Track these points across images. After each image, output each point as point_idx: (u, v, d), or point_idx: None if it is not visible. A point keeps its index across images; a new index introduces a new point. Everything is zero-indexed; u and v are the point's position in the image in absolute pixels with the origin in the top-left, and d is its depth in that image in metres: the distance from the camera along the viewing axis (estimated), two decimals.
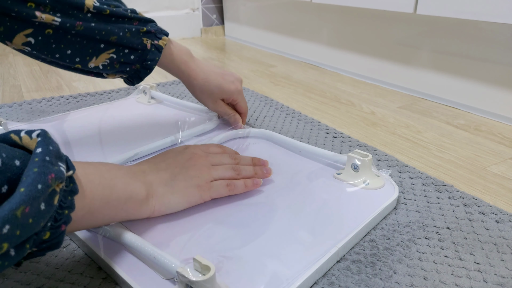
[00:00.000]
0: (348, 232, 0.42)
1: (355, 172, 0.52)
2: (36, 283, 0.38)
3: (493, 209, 0.49)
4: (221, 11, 1.75)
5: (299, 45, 1.31)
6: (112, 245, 0.41)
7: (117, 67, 0.58)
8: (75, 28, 0.51)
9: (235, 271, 0.37)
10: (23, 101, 0.87)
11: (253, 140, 0.67)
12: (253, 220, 0.45)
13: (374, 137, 0.72)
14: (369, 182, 0.51)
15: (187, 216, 0.46)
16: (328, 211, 0.47)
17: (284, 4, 1.32)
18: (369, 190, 0.51)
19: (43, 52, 0.52)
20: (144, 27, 0.58)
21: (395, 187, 0.51)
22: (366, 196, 0.50)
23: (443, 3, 0.78)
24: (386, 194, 0.50)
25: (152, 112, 0.79)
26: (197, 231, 0.43)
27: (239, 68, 1.21)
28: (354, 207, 0.47)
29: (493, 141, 0.70)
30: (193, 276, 0.32)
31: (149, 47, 0.58)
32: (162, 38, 0.60)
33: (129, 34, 0.56)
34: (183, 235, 0.43)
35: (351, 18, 1.09)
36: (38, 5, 0.47)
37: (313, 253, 0.39)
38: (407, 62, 0.96)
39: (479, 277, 0.39)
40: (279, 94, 0.96)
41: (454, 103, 0.87)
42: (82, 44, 0.53)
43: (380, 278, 0.38)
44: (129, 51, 0.57)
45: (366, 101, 0.92)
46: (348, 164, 0.53)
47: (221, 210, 0.47)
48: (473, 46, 0.81)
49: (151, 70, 0.60)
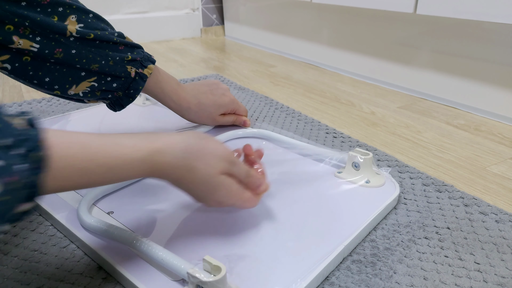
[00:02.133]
0: (352, 230, 0.42)
1: (356, 171, 0.53)
2: (36, 283, 0.38)
3: (493, 209, 0.49)
4: (221, 11, 1.75)
5: (299, 45, 1.31)
6: (117, 248, 0.41)
7: (98, 95, 0.55)
8: (54, 55, 0.48)
9: (244, 271, 0.37)
10: (23, 101, 0.87)
11: (252, 140, 0.67)
12: (257, 220, 0.45)
13: (374, 137, 0.72)
14: (370, 181, 0.52)
15: (191, 216, 0.46)
16: (330, 209, 0.47)
17: (284, 4, 1.32)
18: (370, 188, 0.51)
19: (21, 78, 0.49)
20: (129, 54, 0.55)
21: (396, 185, 0.52)
22: (368, 195, 0.50)
23: (443, 3, 0.78)
24: (387, 192, 0.50)
25: (147, 114, 0.78)
26: (202, 231, 0.43)
27: (239, 68, 1.21)
28: (356, 205, 0.48)
29: (493, 141, 0.70)
30: (204, 276, 0.32)
31: (133, 75, 0.56)
32: (148, 67, 0.57)
33: (112, 62, 0.53)
34: (189, 235, 0.43)
35: (351, 18, 1.09)
36: (17, 28, 0.45)
37: (319, 252, 0.39)
38: (407, 62, 0.96)
39: (479, 277, 0.39)
40: (279, 94, 0.96)
41: (454, 103, 0.87)
42: (62, 72, 0.50)
43: (380, 278, 0.38)
44: (111, 79, 0.54)
45: (366, 101, 0.92)
46: (349, 163, 0.53)
47: (222, 210, 0.47)
48: (473, 46, 0.81)
49: (133, 98, 0.58)
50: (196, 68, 1.21)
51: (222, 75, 1.12)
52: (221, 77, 1.09)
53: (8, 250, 0.43)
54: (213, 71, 1.18)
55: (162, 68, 0.62)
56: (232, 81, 1.06)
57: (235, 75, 1.13)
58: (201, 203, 0.41)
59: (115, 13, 1.56)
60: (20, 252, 0.42)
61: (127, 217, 0.46)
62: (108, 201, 0.49)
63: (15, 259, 0.41)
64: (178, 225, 0.44)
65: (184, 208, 0.48)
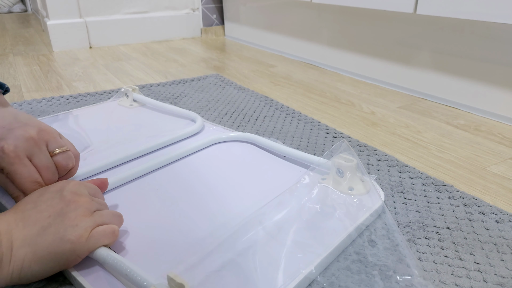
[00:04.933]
0: (328, 245, 0.40)
1: (339, 178, 0.50)
2: (36, 283, 0.38)
3: (493, 209, 0.49)
4: (221, 11, 1.75)
5: (299, 45, 1.31)
6: (84, 260, 0.39)
7: None
8: None
9: (211, 286, 0.35)
10: (23, 101, 0.87)
11: (236, 144, 0.65)
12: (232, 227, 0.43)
13: (374, 137, 0.72)
14: (353, 188, 0.50)
15: (162, 226, 0.44)
16: (309, 220, 0.45)
17: (284, 4, 1.32)
18: (353, 197, 0.49)
19: None
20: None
21: (381, 193, 0.50)
22: (350, 205, 0.47)
23: (443, 3, 0.78)
24: (370, 201, 0.48)
25: (134, 116, 0.77)
26: (173, 241, 0.41)
27: (239, 68, 1.21)
28: (338, 215, 0.45)
29: (493, 141, 0.70)
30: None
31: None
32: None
33: None
34: (158, 246, 0.41)
35: (351, 18, 1.09)
36: None
37: (289, 271, 0.37)
38: (407, 62, 0.96)
39: (479, 277, 0.39)
40: (279, 94, 0.96)
41: (454, 103, 0.87)
42: None
43: (380, 278, 0.38)
44: None
45: (366, 101, 0.92)
46: (333, 169, 0.51)
47: (196, 215, 0.46)
48: (473, 46, 0.81)
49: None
50: (196, 68, 1.21)
51: (222, 75, 1.12)
52: (221, 77, 1.09)
53: None
54: (213, 71, 1.18)
55: (162, 68, 0.61)
56: (232, 81, 1.06)
57: (235, 75, 1.13)
58: None
59: (115, 13, 1.56)
60: None
61: None
62: None
63: None
64: (150, 234, 0.43)
65: (158, 217, 0.46)
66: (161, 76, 1.12)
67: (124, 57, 1.36)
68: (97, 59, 1.33)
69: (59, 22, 1.45)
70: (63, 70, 1.18)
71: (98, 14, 1.53)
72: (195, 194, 0.51)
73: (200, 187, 0.52)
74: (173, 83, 1.03)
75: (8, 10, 2.75)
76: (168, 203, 0.49)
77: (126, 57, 1.36)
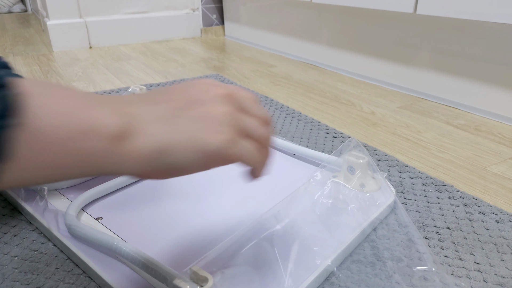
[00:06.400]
0: (342, 241, 0.41)
1: (351, 175, 0.51)
2: (36, 283, 0.38)
3: (493, 209, 0.49)
4: (221, 11, 1.75)
5: (299, 45, 1.31)
6: (103, 255, 0.39)
7: None
8: None
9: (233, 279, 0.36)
10: None
11: None
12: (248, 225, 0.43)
13: (374, 137, 0.72)
14: (365, 185, 0.50)
15: (183, 223, 0.45)
16: (322, 217, 0.45)
17: (284, 4, 1.32)
18: (365, 194, 0.49)
19: None
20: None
21: (392, 189, 0.50)
22: (362, 200, 0.48)
23: (443, 3, 0.78)
24: (382, 198, 0.48)
25: None
26: (194, 239, 0.42)
27: (239, 68, 1.21)
28: (350, 211, 0.46)
29: (493, 141, 0.70)
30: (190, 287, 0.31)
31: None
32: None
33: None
34: (180, 243, 0.41)
35: (351, 18, 1.09)
36: None
37: (305, 267, 0.38)
38: (407, 62, 0.96)
39: (479, 277, 0.39)
40: (279, 94, 0.96)
41: (454, 103, 0.87)
42: None
43: (380, 278, 0.38)
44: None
45: (366, 101, 0.92)
46: (344, 167, 0.51)
47: (212, 214, 0.46)
48: (473, 46, 0.81)
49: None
50: (196, 68, 1.21)
51: (222, 75, 1.12)
52: (221, 77, 1.09)
53: (8, 250, 0.43)
54: (213, 71, 1.18)
55: (162, 68, 0.60)
56: (232, 81, 1.06)
57: (235, 75, 1.13)
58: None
59: (115, 13, 1.56)
60: (20, 252, 0.42)
61: (117, 223, 0.44)
62: (97, 207, 0.48)
63: (15, 259, 0.41)
64: (170, 232, 0.43)
65: (176, 214, 0.46)
66: (161, 76, 1.12)
67: (124, 57, 1.36)
68: (97, 59, 1.33)
69: (59, 22, 1.45)
70: (63, 70, 1.18)
71: (98, 14, 1.53)
72: (210, 192, 0.51)
73: (214, 186, 0.53)
74: (173, 83, 1.03)
75: (8, 10, 2.75)
76: (185, 202, 0.49)
77: (126, 57, 1.36)
